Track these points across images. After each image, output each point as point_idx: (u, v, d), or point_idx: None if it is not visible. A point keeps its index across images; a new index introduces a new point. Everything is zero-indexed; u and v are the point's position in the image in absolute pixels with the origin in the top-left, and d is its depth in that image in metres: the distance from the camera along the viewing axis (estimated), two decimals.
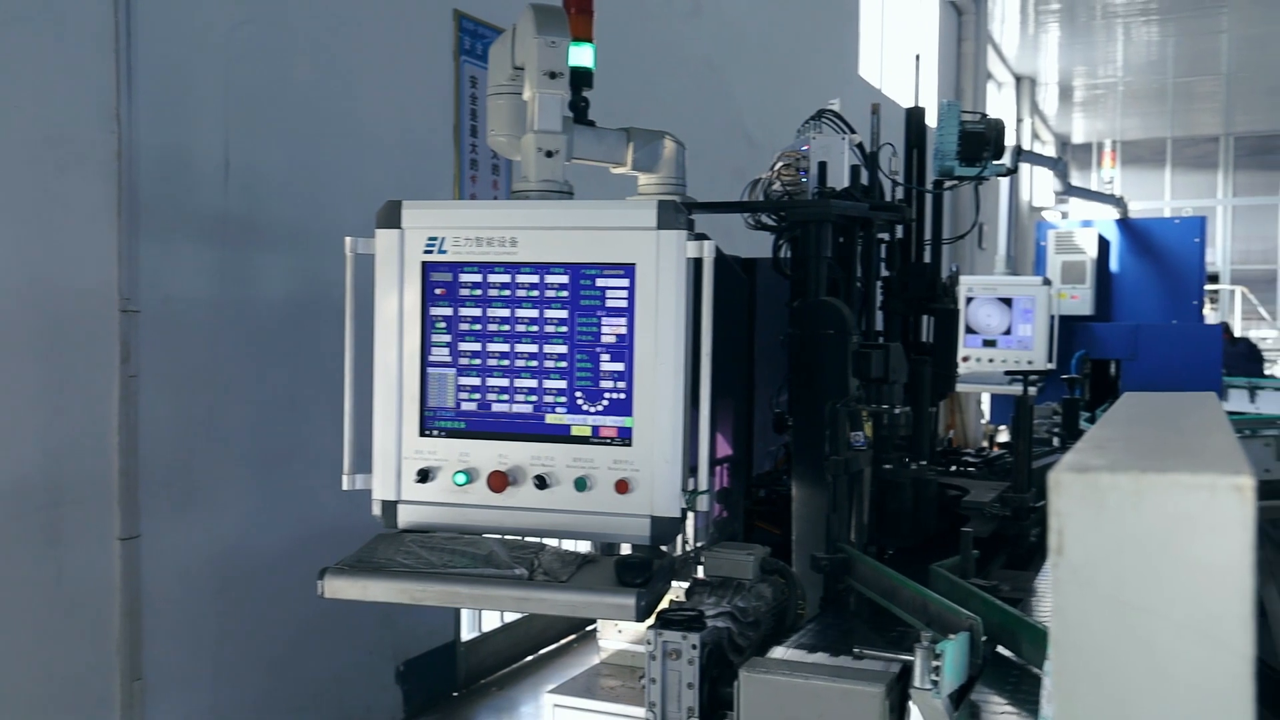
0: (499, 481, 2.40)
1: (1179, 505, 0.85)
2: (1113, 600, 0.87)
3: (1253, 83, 20.80)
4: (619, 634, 3.02)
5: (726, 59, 8.01)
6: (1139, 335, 8.17)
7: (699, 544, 2.97)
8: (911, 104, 4.02)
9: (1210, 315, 22.29)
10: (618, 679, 2.94)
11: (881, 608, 2.59)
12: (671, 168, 3.01)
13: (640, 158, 2.94)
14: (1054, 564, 0.89)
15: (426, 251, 2.46)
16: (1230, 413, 9.67)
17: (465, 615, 5.57)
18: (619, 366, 2.39)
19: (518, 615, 5.82)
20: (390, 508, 2.48)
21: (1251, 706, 0.84)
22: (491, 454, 2.44)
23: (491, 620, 5.88)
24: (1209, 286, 22.09)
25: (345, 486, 2.53)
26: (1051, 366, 7.52)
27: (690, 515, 2.51)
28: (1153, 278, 8.88)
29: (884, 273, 3.75)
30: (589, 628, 5.98)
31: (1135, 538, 0.86)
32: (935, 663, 1.87)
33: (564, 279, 2.41)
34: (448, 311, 2.47)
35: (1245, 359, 17.09)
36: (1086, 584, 0.88)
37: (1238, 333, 21.58)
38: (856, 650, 2.18)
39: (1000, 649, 2.25)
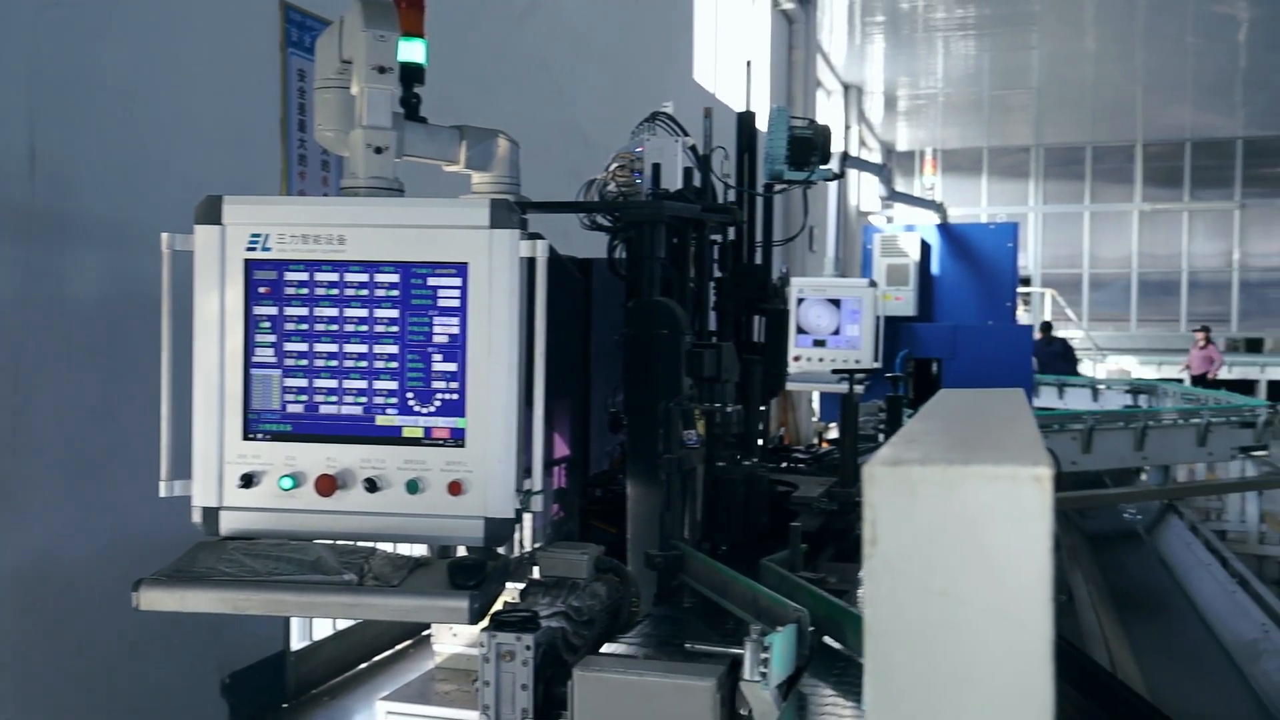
0: (327, 485, 2.34)
1: (983, 495, 0.89)
2: (923, 587, 0.91)
3: (1061, 97, 22.09)
4: (454, 638, 2.98)
5: (563, 59, 8.02)
6: (957, 335, 8.56)
7: (536, 544, 2.96)
8: (743, 109, 4.10)
9: (1023, 316, 23.54)
10: (453, 683, 2.91)
11: (715, 603, 2.63)
12: (505, 167, 2.99)
13: (473, 156, 2.91)
14: (867, 554, 0.92)
15: (249, 249, 2.38)
16: (1040, 408, 10.26)
17: (296, 624, 5.40)
18: (451, 367, 2.36)
19: (350, 622, 5.68)
20: (211, 514, 2.38)
21: (1050, 684, 0.89)
22: (319, 457, 2.37)
23: (323, 628, 5.73)
24: (1021, 289, 23.36)
25: (163, 493, 2.42)
26: (877, 365, 7.80)
27: (526, 516, 2.50)
28: (970, 280, 9.29)
29: (717, 274, 3.82)
30: (424, 633, 5.89)
31: (944, 527, 0.90)
32: (764, 655, 1.92)
33: (394, 278, 2.37)
34: (272, 311, 2.39)
35: (1061, 358, 18.21)
36: (898, 573, 0.92)
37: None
38: (689, 645, 2.21)
39: (827, 639, 2.32)
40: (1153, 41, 17.78)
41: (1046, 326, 18.73)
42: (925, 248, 9.19)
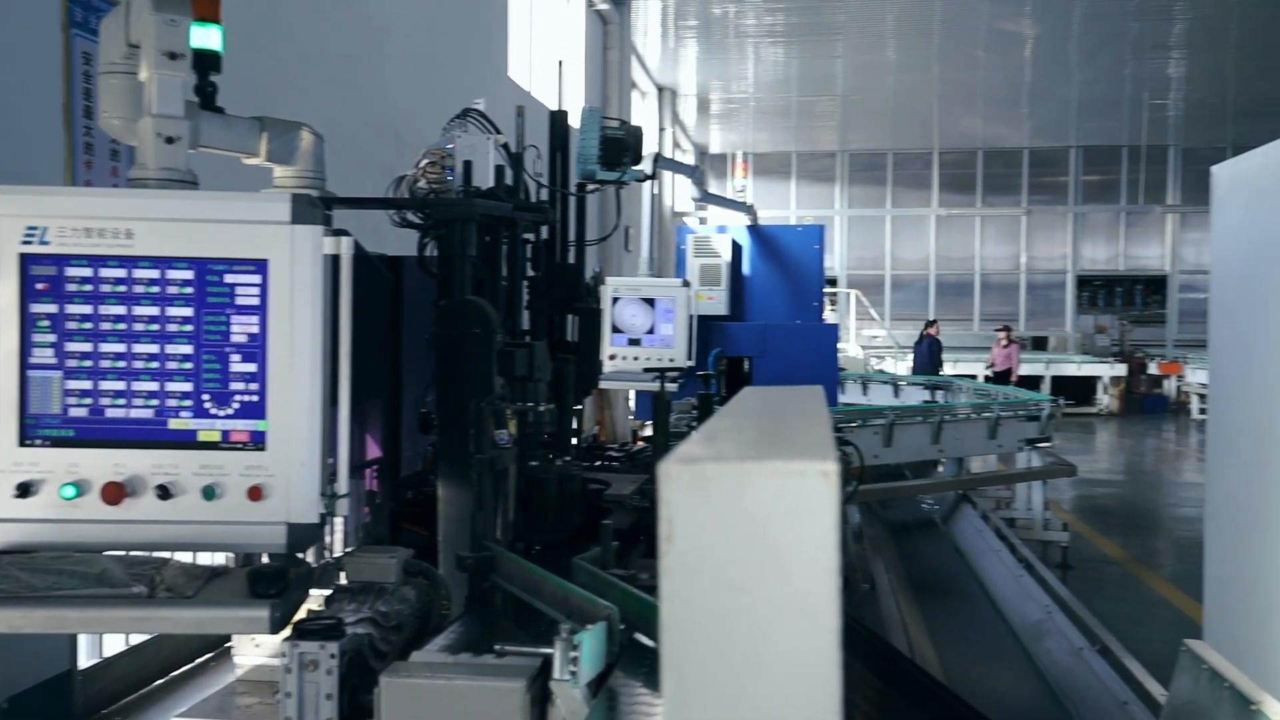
0: (114, 493, 2.21)
1: (774, 491, 0.91)
2: (718, 582, 0.93)
3: (864, 105, 23.03)
4: (256, 648, 2.87)
5: (375, 52, 7.83)
6: (767, 334, 8.79)
7: (346, 549, 2.88)
8: (557, 108, 4.10)
9: (830, 316, 24.45)
10: (255, 695, 2.80)
11: (527, 603, 2.62)
12: (309, 160, 2.89)
13: (275, 149, 2.80)
14: (664, 551, 0.93)
15: (25, 242, 2.22)
16: (845, 404, 10.62)
17: (84, 641, 5.08)
18: (251, 367, 2.26)
19: (144, 636, 5.38)
20: None
21: (838, 673, 0.92)
22: (106, 464, 2.24)
23: (115, 644, 5.40)
24: (828, 289, 24.24)
25: None
26: (691, 364, 7.93)
27: (333, 520, 2.43)
28: (779, 281, 9.55)
29: (530, 273, 3.81)
30: (226, 645, 5.65)
31: (737, 523, 0.92)
32: (573, 653, 1.92)
33: (188, 274, 2.25)
34: (52, 309, 2.24)
35: (927, 357, 19.34)
36: (694, 569, 0.93)
37: (853, 333, 23.80)
38: (498, 647, 2.20)
39: (638, 635, 2.34)
40: (947, 55, 18.76)
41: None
42: (737, 248, 9.40)
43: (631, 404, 11.05)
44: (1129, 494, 12.85)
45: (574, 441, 4.10)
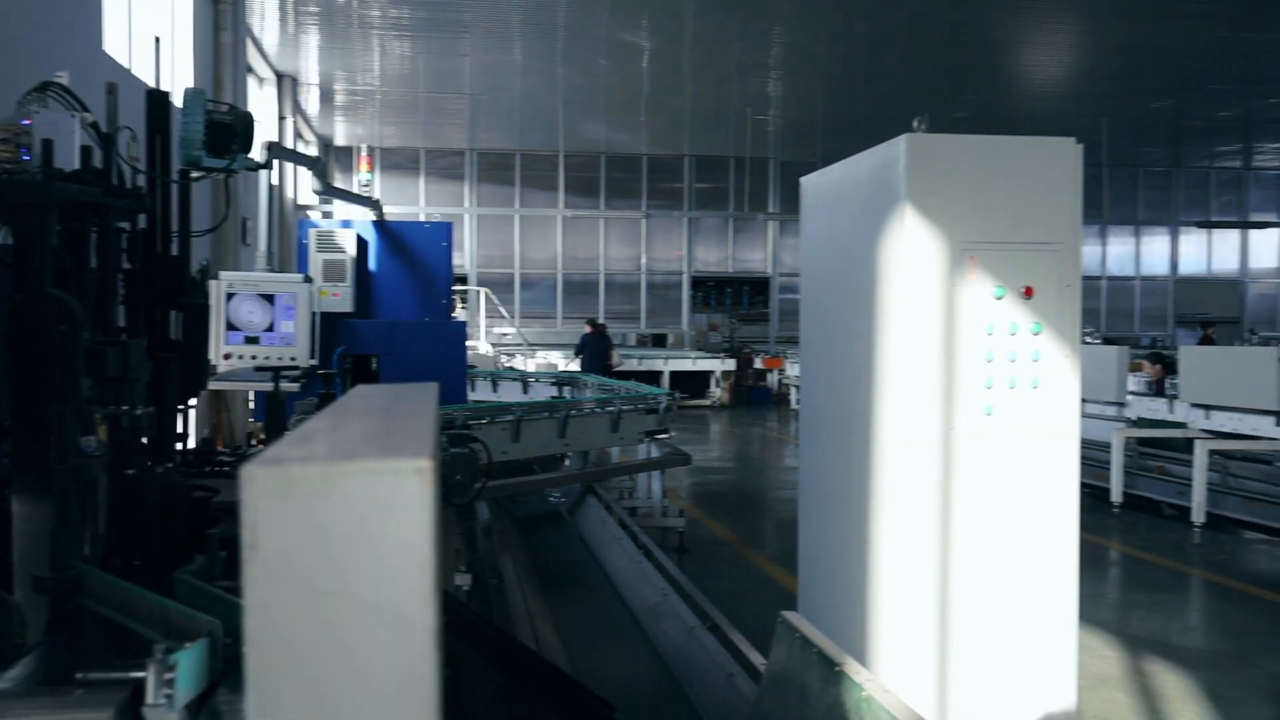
0: None
1: (366, 491, 0.88)
2: (307, 589, 0.88)
3: (491, 104, 23.22)
4: None
5: None
6: (395, 332, 8.63)
7: None
8: (155, 87, 3.79)
9: (460, 313, 24.48)
10: None
11: (121, 625, 2.40)
12: None
13: None
14: (247, 559, 0.87)
15: None
16: (475, 401, 10.64)
17: None
18: None
19: None
20: None
21: (434, 674, 0.91)
22: None
23: None
24: (457, 287, 24.26)
25: None
26: (314, 362, 7.63)
27: None
28: (407, 278, 9.42)
29: (126, 265, 3.49)
30: None
31: (327, 526, 0.88)
32: (169, 675, 1.78)
33: None
34: None
35: (602, 353, 20.12)
36: (281, 576, 0.88)
37: (483, 330, 23.94)
38: (81, 675, 1.99)
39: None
40: (570, 61, 19.32)
41: (592, 322, 21.00)
42: (363, 244, 9.17)
43: (252, 406, 10.48)
44: (738, 480, 13.83)
45: (180, 447, 3.81)
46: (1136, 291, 30.86)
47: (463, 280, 26.33)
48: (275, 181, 18.28)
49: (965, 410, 3.93)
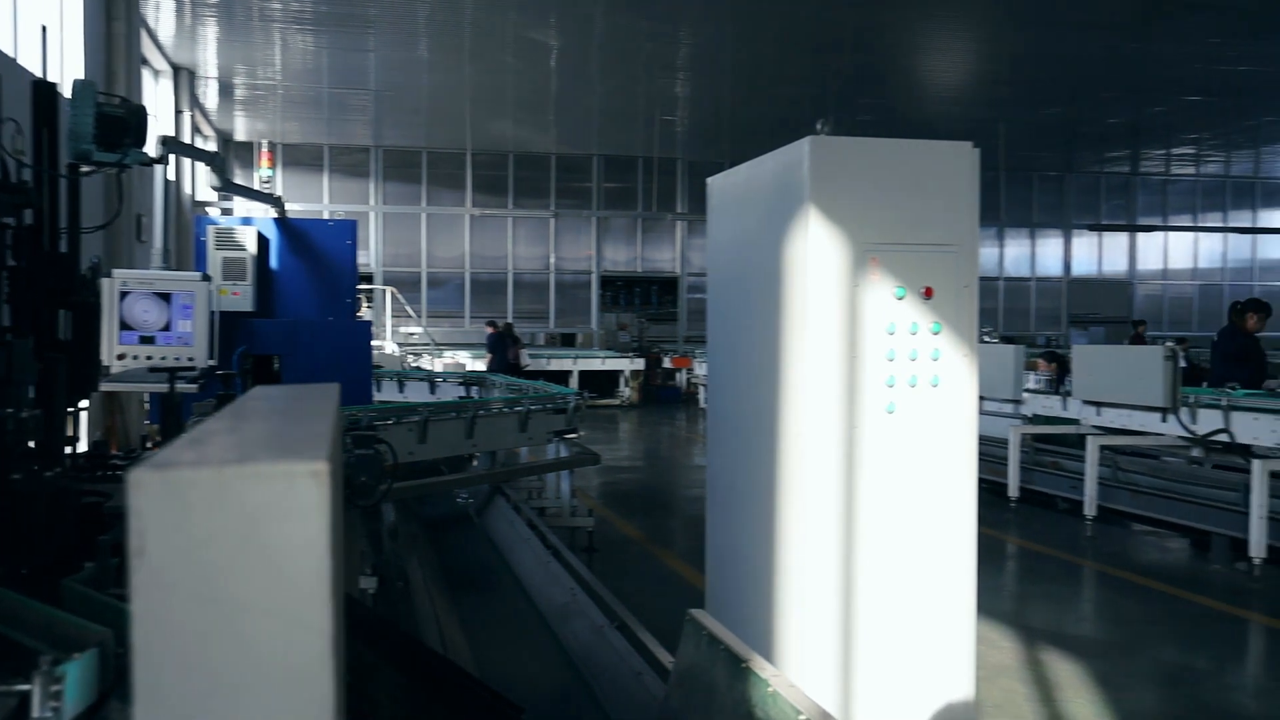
0: None
1: (260, 495, 0.86)
2: (198, 597, 0.86)
3: (397, 101, 22.93)
4: None
5: None
6: (297, 331, 8.48)
7: None
8: (42, 78, 3.66)
9: (367, 313, 24.14)
10: None
11: (6, 636, 2.31)
12: None
13: None
14: (134, 567, 0.84)
15: None
16: (381, 402, 10.51)
17: None
18: None
19: None
20: None
21: (332, 678, 0.89)
22: None
23: None
24: (363, 286, 23.92)
25: None
26: (212, 363, 7.45)
27: None
28: (311, 276, 9.25)
29: (10, 262, 3.36)
30: None
31: (218, 531, 0.86)
32: (55, 687, 1.71)
33: None
34: None
35: (506, 351, 20.25)
36: (170, 584, 0.85)
37: (390, 330, 23.64)
38: None
39: None
40: (478, 58, 19.17)
41: (498, 323, 21.69)
42: (264, 241, 8.97)
43: (148, 408, 10.18)
44: (647, 479, 13.88)
45: (71, 450, 3.68)
46: (1032, 292, 31.77)
47: (368, 279, 25.96)
48: (172, 177, 17.77)
49: (868, 408, 4.00)
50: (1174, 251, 32.57)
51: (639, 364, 24.67)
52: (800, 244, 3.98)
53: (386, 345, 21.97)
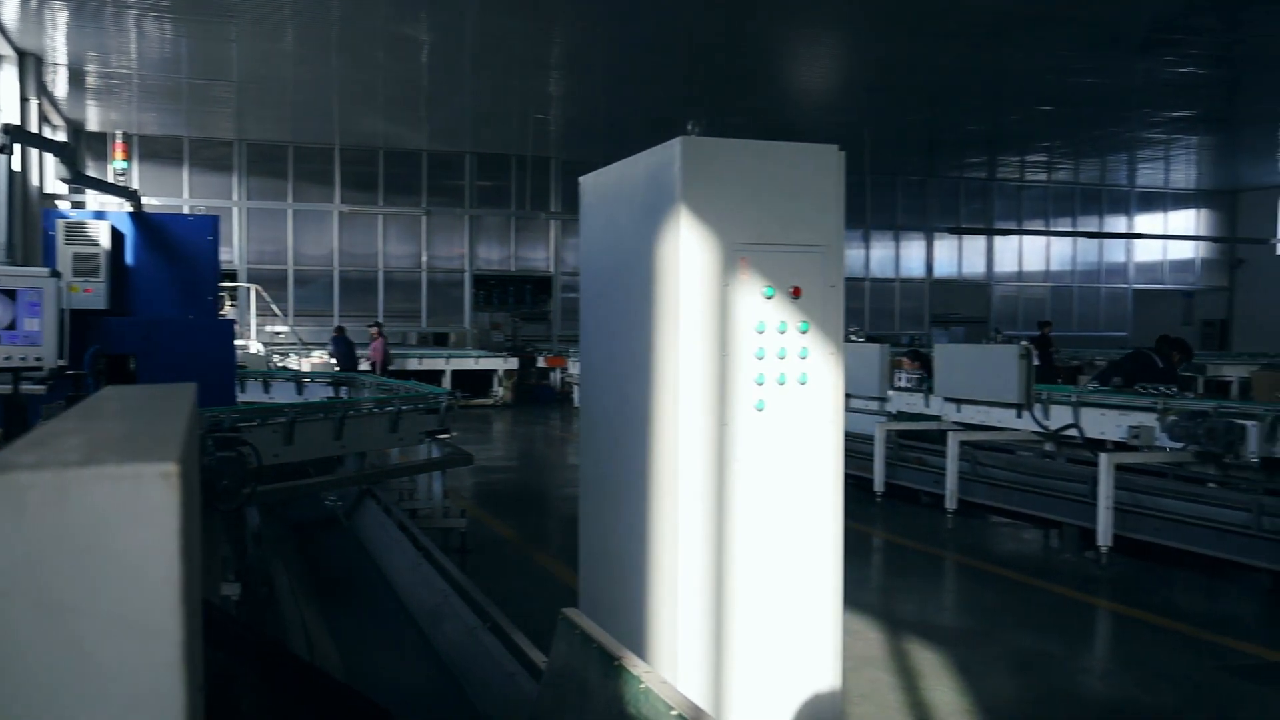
0: None
1: (105, 499, 0.82)
2: (39, 605, 0.82)
3: (261, 94, 22.28)
4: None
5: None
6: (154, 330, 8.17)
7: None
8: None
9: (230, 311, 23.42)
10: None
11: None
12: None
13: None
14: None
15: None
16: (245, 403, 10.21)
17: None
18: None
19: None
20: None
21: (183, 688, 0.86)
22: None
23: None
24: (226, 284, 23.20)
25: None
26: (63, 363, 7.12)
27: None
28: (169, 273, 8.92)
29: None
30: None
31: (61, 536, 0.82)
32: None
33: None
34: None
35: (348, 355, 20.06)
36: (10, 592, 0.81)
37: (254, 329, 22.98)
38: None
39: None
40: (346, 52, 18.76)
41: (340, 329, 22.07)
42: (118, 237, 8.62)
43: None
44: (521, 478, 13.81)
45: None
46: (896, 293, 32.71)
47: (231, 277, 25.17)
48: (17, 168, 16.89)
49: (738, 406, 4.06)
50: (1028, 254, 33.95)
51: (513, 363, 24.51)
52: (671, 243, 4.01)
53: (251, 345, 21.35)
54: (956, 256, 33.38)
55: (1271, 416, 7.69)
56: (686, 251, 3.96)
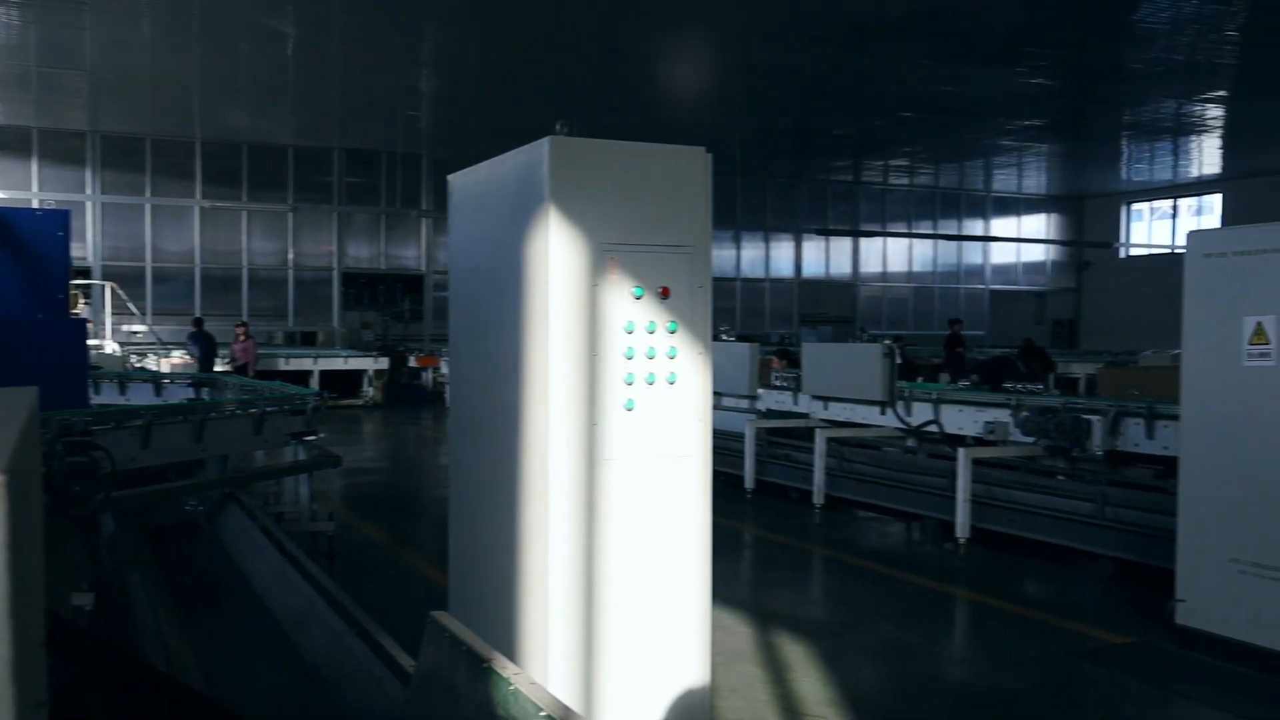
0: None
1: None
2: None
3: (117, 84, 21.41)
4: None
5: None
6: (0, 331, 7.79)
7: None
8: None
9: (83, 310, 22.42)
10: None
11: None
12: None
13: None
14: None
15: None
16: (101, 405, 9.81)
17: None
18: None
19: None
20: None
21: (10, 703, 0.83)
22: None
23: None
24: (79, 281, 22.21)
25: None
26: None
27: None
28: (15, 270, 8.52)
29: None
30: None
31: None
32: None
33: None
34: None
35: (209, 352, 19.28)
36: None
37: (110, 328, 22.09)
38: None
39: None
40: (208, 42, 18.17)
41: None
42: None
43: None
44: (391, 480, 13.61)
45: None
46: (766, 292, 33.30)
47: (85, 274, 24.10)
48: None
49: (608, 405, 4.08)
50: (892, 256, 34.97)
51: (383, 363, 24.10)
52: (540, 243, 4.01)
53: (107, 345, 20.53)
54: (824, 257, 34.16)
55: (1114, 412, 8.09)
56: (555, 251, 3.97)
